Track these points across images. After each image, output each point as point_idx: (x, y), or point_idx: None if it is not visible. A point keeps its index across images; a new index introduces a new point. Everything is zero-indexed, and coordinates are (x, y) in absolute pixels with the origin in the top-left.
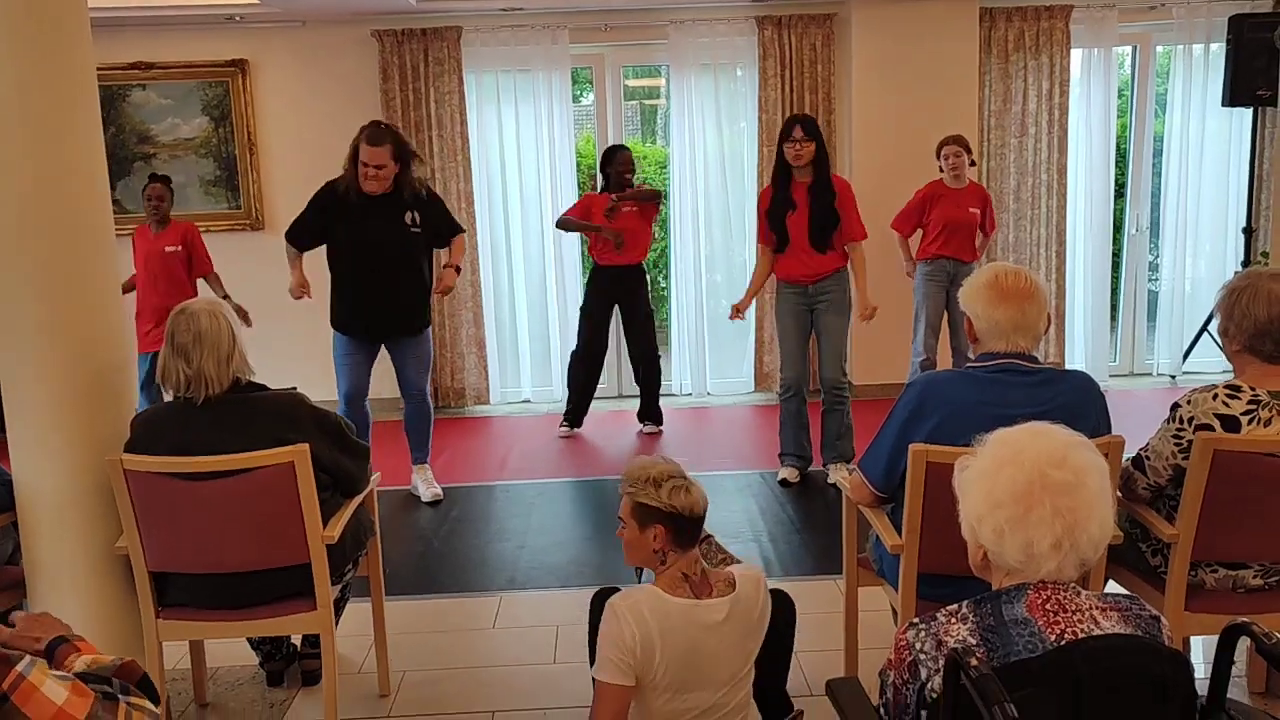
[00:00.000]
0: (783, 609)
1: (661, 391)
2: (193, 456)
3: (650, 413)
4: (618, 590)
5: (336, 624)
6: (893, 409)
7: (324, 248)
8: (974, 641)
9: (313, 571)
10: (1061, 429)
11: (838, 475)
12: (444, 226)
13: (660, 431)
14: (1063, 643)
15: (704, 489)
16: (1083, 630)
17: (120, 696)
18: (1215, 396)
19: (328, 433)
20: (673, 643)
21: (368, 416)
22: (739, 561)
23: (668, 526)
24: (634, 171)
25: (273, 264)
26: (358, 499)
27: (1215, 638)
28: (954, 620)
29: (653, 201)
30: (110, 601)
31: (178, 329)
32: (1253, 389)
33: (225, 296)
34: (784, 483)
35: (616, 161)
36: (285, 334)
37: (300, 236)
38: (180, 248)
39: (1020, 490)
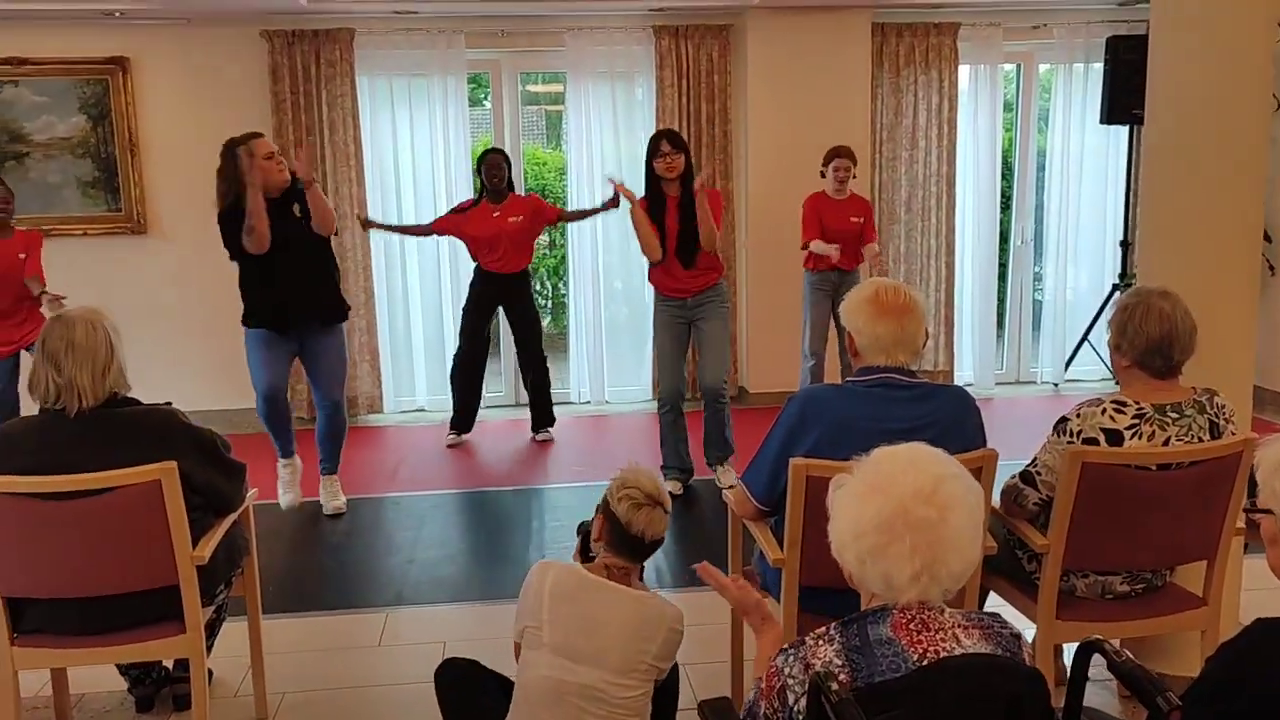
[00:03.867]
0: (668, 679)
1: (559, 399)
2: (52, 475)
3: (542, 419)
4: (462, 661)
5: (212, 646)
6: (775, 422)
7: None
8: (839, 663)
9: (182, 594)
10: (939, 457)
11: (726, 477)
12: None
13: (551, 439)
14: (925, 662)
15: (665, 524)
16: (945, 649)
17: None
18: (1104, 411)
19: (202, 450)
20: (565, 599)
21: (289, 411)
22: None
23: (608, 524)
24: (504, 175)
25: (155, 269)
26: (231, 517)
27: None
28: (821, 643)
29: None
30: None
31: (50, 335)
32: (1138, 403)
33: (43, 294)
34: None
35: (485, 166)
36: (166, 342)
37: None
38: (25, 255)
39: (883, 523)
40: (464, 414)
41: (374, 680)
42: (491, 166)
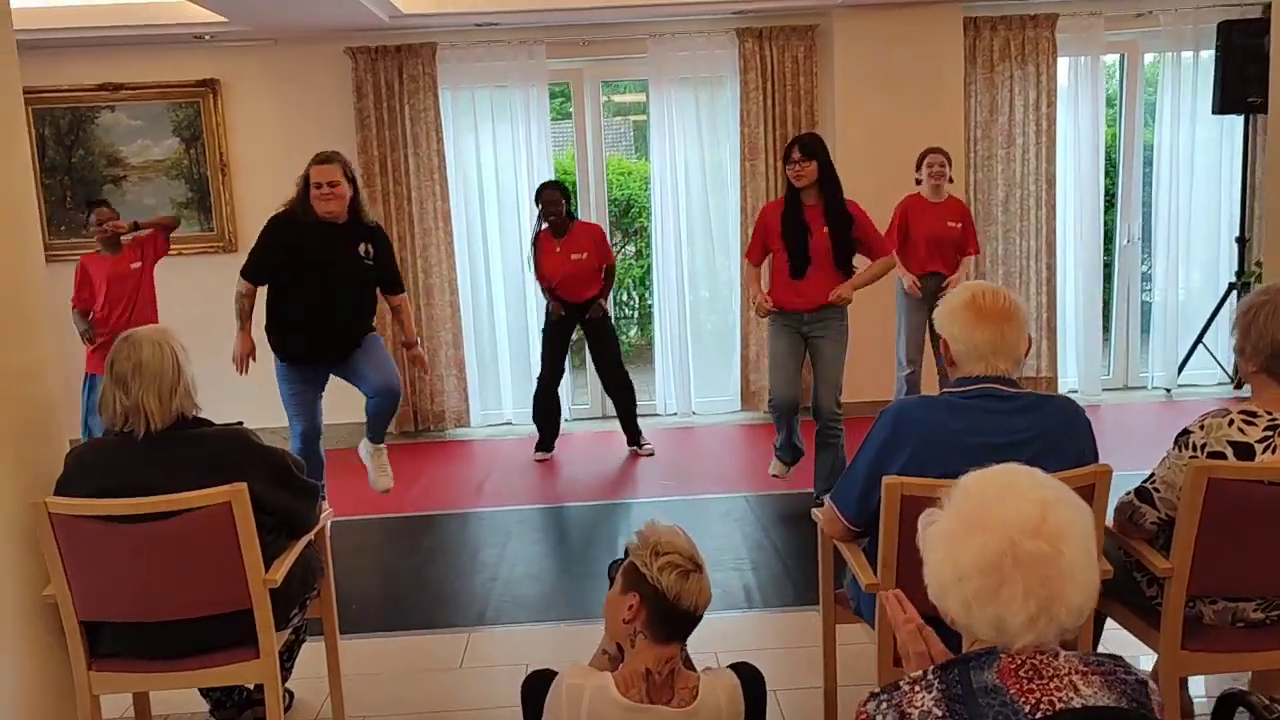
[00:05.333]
0: (751, 692)
1: (646, 411)
2: (123, 497)
3: (633, 436)
4: (549, 674)
5: (290, 669)
6: (866, 437)
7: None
8: (939, 713)
9: (255, 618)
10: (1038, 479)
11: None
12: (391, 269)
13: (651, 452)
14: (1038, 715)
15: (709, 593)
16: (1060, 700)
17: None
18: (1231, 423)
19: (273, 471)
20: None
21: (323, 458)
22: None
23: (646, 603)
24: (561, 209)
25: None
26: (304, 539)
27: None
28: (918, 689)
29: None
30: (41, 653)
31: (118, 357)
32: (1269, 413)
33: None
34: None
35: (542, 202)
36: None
37: (259, 272)
38: (141, 262)
39: (988, 564)
40: (547, 436)
41: (455, 704)
42: (548, 203)
